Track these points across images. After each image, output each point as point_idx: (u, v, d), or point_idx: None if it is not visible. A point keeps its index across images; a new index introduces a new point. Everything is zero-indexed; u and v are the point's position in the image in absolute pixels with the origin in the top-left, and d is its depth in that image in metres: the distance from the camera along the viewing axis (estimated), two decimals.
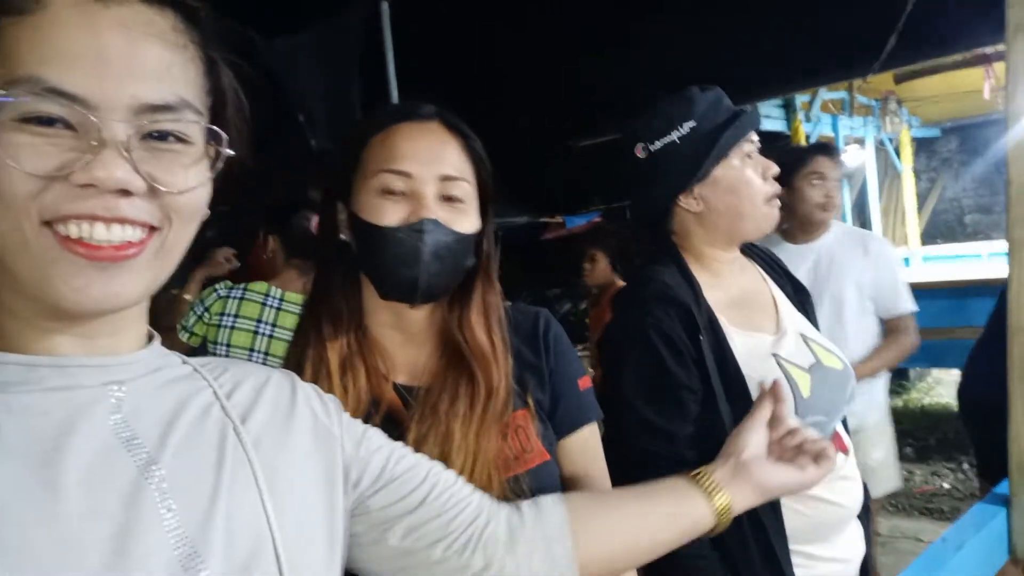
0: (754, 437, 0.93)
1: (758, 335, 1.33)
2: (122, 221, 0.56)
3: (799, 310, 1.45)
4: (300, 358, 1.01)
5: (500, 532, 0.81)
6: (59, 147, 0.54)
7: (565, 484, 1.08)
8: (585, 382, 1.14)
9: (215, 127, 0.62)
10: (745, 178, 1.32)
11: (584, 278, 4.06)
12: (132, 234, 0.57)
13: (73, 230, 0.55)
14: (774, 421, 0.96)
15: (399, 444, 0.83)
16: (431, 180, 0.98)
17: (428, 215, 0.96)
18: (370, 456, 0.78)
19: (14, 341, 0.59)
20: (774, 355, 1.30)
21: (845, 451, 1.37)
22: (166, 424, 0.63)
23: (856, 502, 1.36)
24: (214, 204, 0.66)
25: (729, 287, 1.38)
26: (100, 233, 0.55)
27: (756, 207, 1.33)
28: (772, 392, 0.97)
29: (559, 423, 1.09)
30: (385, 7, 3.19)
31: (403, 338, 1.06)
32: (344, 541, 0.74)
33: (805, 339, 1.36)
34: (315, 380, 0.93)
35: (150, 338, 0.69)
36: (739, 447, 0.93)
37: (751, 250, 1.51)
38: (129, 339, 0.65)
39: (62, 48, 0.54)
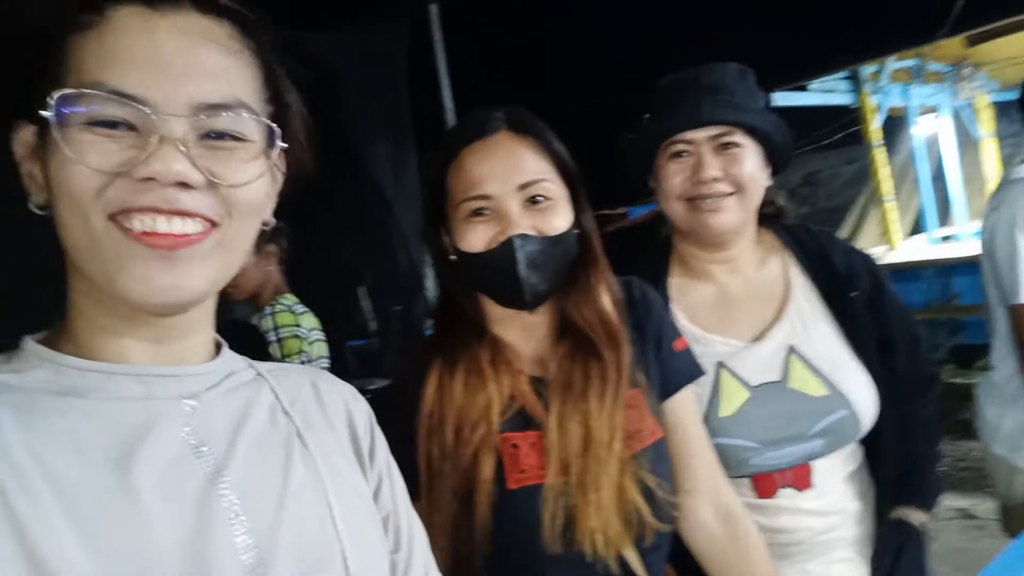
0: None
1: (718, 339, 1.29)
2: (182, 214, 0.58)
3: (838, 318, 1.30)
4: (451, 366, 1.04)
5: None
6: (122, 145, 0.57)
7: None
8: (680, 343, 1.15)
9: (270, 123, 0.64)
10: (661, 176, 1.32)
11: None
12: (192, 227, 0.59)
13: (136, 224, 0.57)
14: None
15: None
16: (511, 194, 1.00)
17: (514, 231, 0.98)
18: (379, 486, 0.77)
19: (86, 346, 0.62)
20: (720, 363, 1.26)
21: (800, 486, 1.24)
22: (233, 431, 0.64)
23: (809, 537, 1.24)
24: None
25: (703, 289, 1.35)
26: (162, 226, 0.57)
27: (668, 205, 1.32)
28: None
29: (659, 386, 1.11)
30: (434, 8, 3.22)
31: (525, 334, 1.10)
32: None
33: (793, 354, 1.26)
34: (467, 384, 1.01)
35: (218, 345, 0.71)
36: None
37: (796, 242, 1.38)
38: (197, 346, 0.67)
39: (123, 54, 0.58)
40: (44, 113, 0.56)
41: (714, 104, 1.26)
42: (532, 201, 1.01)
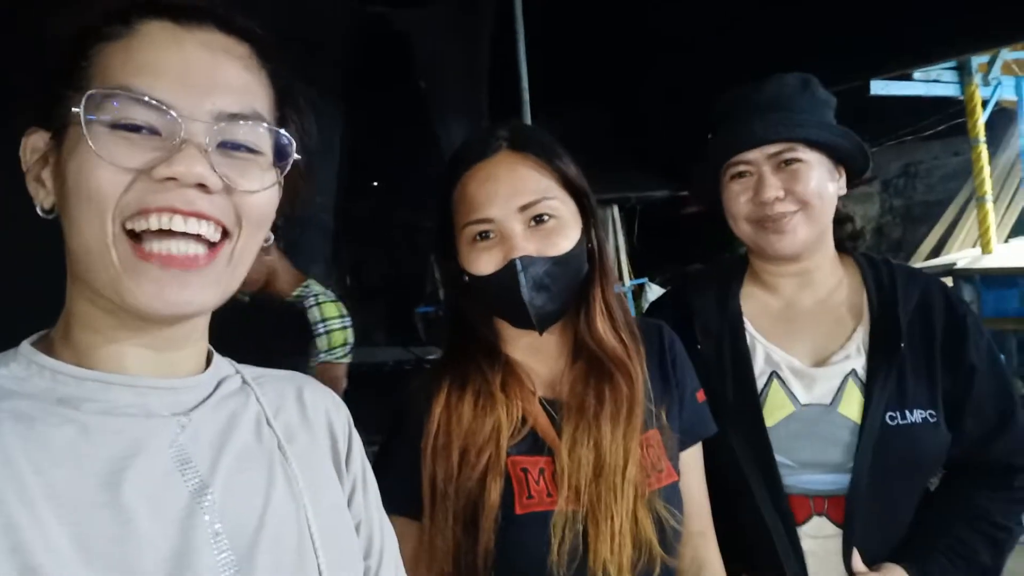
0: None
1: (779, 351, 1.27)
2: (199, 216, 0.61)
3: (912, 360, 1.21)
4: (460, 387, 1.04)
5: None
6: (144, 148, 0.60)
7: None
8: (701, 395, 1.15)
9: (284, 134, 0.67)
10: (725, 197, 1.31)
11: None
12: (207, 230, 0.61)
13: (153, 222, 0.59)
14: None
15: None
16: (512, 215, 1.00)
17: (516, 254, 0.98)
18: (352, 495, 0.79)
19: (83, 352, 0.64)
20: (774, 372, 1.24)
21: (836, 518, 1.18)
22: (218, 448, 0.67)
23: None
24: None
25: (770, 300, 1.34)
26: (178, 225, 0.60)
27: (736, 226, 1.31)
28: None
29: (680, 433, 1.10)
30: None
31: (538, 355, 1.10)
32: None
33: (852, 378, 1.22)
34: (475, 406, 1.01)
35: (208, 355, 0.73)
36: None
37: (875, 276, 1.30)
38: (191, 355, 0.70)
39: (151, 63, 0.61)
40: (75, 110, 0.58)
41: (768, 121, 1.21)
42: (536, 221, 1.00)
